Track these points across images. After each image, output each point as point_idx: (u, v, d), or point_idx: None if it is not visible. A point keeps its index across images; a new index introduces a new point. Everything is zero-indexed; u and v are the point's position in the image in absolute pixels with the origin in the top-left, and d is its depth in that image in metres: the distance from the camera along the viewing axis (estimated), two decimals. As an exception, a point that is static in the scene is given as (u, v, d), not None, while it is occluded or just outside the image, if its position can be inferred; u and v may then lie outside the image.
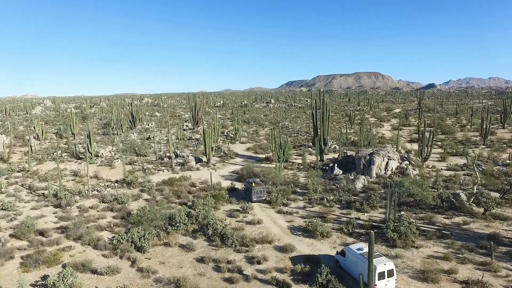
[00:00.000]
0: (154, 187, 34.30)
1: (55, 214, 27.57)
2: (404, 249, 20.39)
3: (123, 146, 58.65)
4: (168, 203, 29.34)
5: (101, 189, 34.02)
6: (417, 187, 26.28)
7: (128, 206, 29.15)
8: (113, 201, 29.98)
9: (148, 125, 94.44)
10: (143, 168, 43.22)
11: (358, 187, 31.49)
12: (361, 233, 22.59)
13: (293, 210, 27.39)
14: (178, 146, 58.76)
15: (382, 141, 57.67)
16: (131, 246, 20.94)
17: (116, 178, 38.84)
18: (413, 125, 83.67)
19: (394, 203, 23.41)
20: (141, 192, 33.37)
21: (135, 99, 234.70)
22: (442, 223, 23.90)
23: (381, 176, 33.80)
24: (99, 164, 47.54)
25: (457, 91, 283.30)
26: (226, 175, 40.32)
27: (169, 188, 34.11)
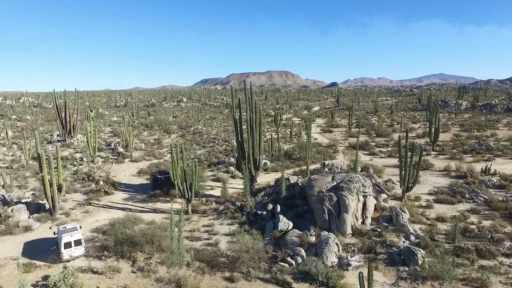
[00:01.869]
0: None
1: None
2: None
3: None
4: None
5: None
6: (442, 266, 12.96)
7: None
8: None
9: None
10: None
11: (330, 263, 16.62)
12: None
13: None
14: (15, 177, 36.07)
15: (322, 150, 45.24)
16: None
17: None
18: (342, 125, 75.34)
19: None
20: None
21: (8, 97, 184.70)
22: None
23: (359, 231, 19.60)
24: None
25: (356, 89, 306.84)
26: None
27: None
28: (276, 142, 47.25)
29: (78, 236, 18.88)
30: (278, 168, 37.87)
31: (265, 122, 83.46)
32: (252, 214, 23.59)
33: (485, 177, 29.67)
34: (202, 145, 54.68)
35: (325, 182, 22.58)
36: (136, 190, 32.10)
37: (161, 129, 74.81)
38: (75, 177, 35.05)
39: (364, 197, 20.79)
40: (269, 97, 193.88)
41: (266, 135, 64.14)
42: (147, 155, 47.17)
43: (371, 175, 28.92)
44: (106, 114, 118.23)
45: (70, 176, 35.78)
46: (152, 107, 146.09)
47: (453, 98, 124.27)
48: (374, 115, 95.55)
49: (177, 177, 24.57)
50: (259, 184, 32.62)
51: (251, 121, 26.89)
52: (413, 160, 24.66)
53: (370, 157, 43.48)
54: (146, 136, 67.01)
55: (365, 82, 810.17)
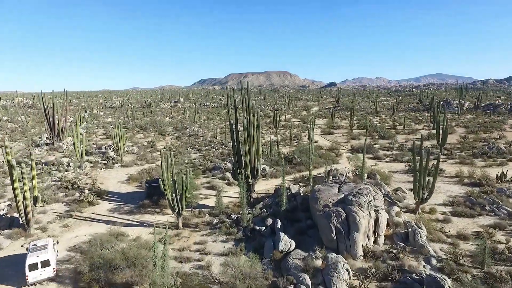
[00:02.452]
0: None
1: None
2: None
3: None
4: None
5: None
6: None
7: None
8: None
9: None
10: None
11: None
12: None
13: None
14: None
15: (324, 154, 42.77)
16: None
17: None
18: (342, 127, 72.94)
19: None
20: None
21: (3, 97, 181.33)
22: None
23: (372, 252, 17.11)
24: None
25: (354, 89, 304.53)
26: (61, 255, 18.79)
27: None
28: (275, 145, 44.77)
29: (45, 256, 16.61)
30: (278, 174, 35.44)
31: (263, 124, 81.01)
32: (249, 229, 21.09)
33: (503, 185, 27.28)
34: (197, 148, 52.11)
35: (331, 194, 20.10)
36: (124, 200, 29.52)
37: (156, 131, 72.20)
38: (59, 184, 32.44)
39: (376, 212, 18.32)
40: (267, 97, 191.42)
41: (265, 137, 61.70)
42: (139, 160, 44.57)
43: (380, 184, 26.47)
44: (101, 115, 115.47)
45: (53, 183, 33.15)
46: (148, 107, 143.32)
47: (454, 98, 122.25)
48: (375, 116, 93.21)
49: (166, 188, 22.05)
50: (258, 192, 30.15)
51: (248, 124, 24.38)
52: (428, 169, 22.15)
53: (374, 162, 41.06)
54: (140, 138, 64.39)
55: (363, 82, 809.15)
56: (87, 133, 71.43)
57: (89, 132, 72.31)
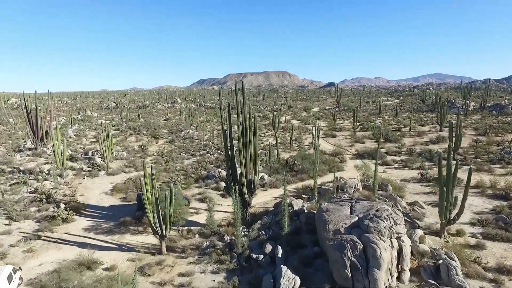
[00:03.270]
0: None
1: None
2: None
3: None
4: None
5: None
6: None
7: None
8: None
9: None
10: None
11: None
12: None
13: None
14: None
15: (327, 160, 39.41)
16: None
17: None
18: (345, 128, 69.63)
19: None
20: None
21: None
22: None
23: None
24: None
25: (354, 89, 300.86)
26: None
27: None
28: (275, 149, 41.29)
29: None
30: (278, 184, 32.12)
31: (262, 125, 77.66)
32: (245, 257, 17.74)
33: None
34: (191, 153, 48.70)
35: (342, 216, 16.76)
36: (104, 215, 26.11)
37: (149, 133, 68.76)
38: (33, 197, 29.00)
39: (399, 240, 15.00)
40: (266, 97, 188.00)
41: (263, 140, 58.36)
42: (127, 166, 41.16)
43: (394, 198, 23.16)
44: (95, 116, 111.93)
45: (28, 195, 29.70)
46: (144, 108, 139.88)
47: (456, 98, 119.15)
48: (378, 117, 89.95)
49: (147, 207, 18.68)
50: (255, 206, 26.81)
51: (244, 131, 21.01)
52: (455, 182, 18.78)
53: (383, 168, 37.74)
54: (132, 142, 60.95)
55: (362, 82, 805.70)
56: (77, 136, 67.99)
57: (79, 135, 68.82)
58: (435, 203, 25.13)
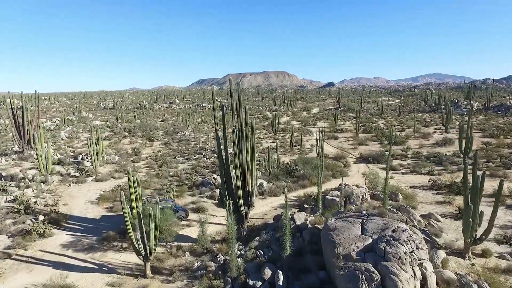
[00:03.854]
0: None
1: None
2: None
3: None
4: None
5: None
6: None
7: None
8: None
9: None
10: None
11: None
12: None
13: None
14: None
15: (330, 164, 37.04)
16: None
17: None
18: (346, 130, 67.31)
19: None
20: None
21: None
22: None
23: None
24: None
25: (353, 89, 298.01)
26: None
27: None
28: (274, 153, 38.84)
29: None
30: (278, 192, 29.75)
31: (260, 127, 75.32)
32: (240, 283, 15.40)
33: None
34: (186, 156, 46.32)
35: (353, 236, 14.42)
36: (87, 228, 23.73)
37: (144, 135, 66.32)
38: (11, 207, 26.58)
39: (421, 267, 12.66)
40: (265, 97, 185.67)
41: (262, 142, 56.03)
42: (117, 171, 38.76)
43: (407, 210, 20.84)
44: (90, 117, 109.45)
45: (5, 205, 27.27)
46: (142, 109, 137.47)
47: (459, 98, 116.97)
48: (380, 118, 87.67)
49: (128, 224, 16.31)
50: (253, 217, 24.49)
51: (240, 137, 18.64)
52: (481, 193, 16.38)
53: (389, 173, 35.38)
54: (125, 144, 58.51)
55: (362, 82, 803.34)
56: (69, 138, 65.54)
57: (71, 137, 66.35)
58: (451, 215, 22.87)
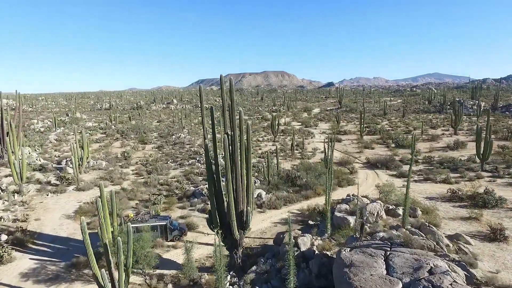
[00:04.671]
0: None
1: None
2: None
3: None
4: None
5: None
6: None
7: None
8: None
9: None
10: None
11: None
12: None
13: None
14: None
15: (336, 171, 33.72)
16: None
17: None
18: (350, 132, 64.03)
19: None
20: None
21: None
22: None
23: None
24: None
25: (353, 89, 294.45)
26: None
27: None
28: (274, 157, 35.44)
29: None
30: (278, 204, 26.47)
31: (259, 128, 72.03)
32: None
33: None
34: (179, 162, 43.01)
35: (376, 278, 11.15)
36: (56, 251, 20.43)
37: (137, 138, 63.00)
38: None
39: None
40: (265, 98, 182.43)
41: (261, 145, 52.75)
42: (103, 179, 35.45)
43: (431, 231, 17.59)
44: (84, 118, 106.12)
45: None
46: (138, 109, 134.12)
47: (461, 98, 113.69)
48: (383, 118, 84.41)
49: (92, 261, 13.03)
50: (249, 236, 21.21)
51: (233, 145, 15.37)
52: None
53: (401, 181, 32.16)
54: (116, 147, 55.21)
55: (361, 82, 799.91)
56: (57, 141, 62.26)
57: (60, 139, 63.05)
58: (481, 235, 19.57)
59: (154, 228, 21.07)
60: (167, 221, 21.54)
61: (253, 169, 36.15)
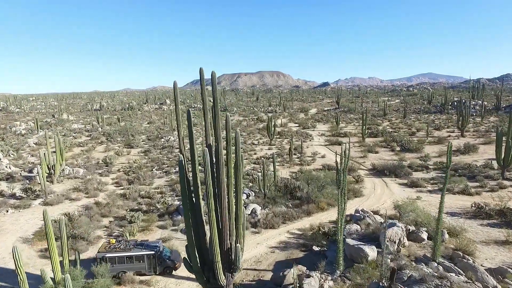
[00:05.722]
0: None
1: None
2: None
3: None
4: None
5: None
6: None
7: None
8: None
9: None
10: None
11: None
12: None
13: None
14: None
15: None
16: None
17: None
18: (350, 134, 60.33)
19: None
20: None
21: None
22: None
23: None
24: None
25: (349, 89, 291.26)
26: None
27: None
28: (270, 164, 31.45)
29: None
30: (276, 222, 22.60)
31: (255, 130, 68.17)
32: None
33: None
34: (166, 169, 38.93)
35: None
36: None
37: (124, 141, 58.73)
38: None
39: None
40: (260, 98, 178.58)
41: (256, 149, 48.86)
42: (77, 190, 31.29)
43: (472, 266, 13.85)
44: (71, 120, 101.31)
45: None
46: (130, 110, 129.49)
47: (463, 98, 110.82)
48: (384, 119, 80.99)
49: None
50: (241, 267, 17.23)
51: (218, 163, 11.47)
52: None
53: (414, 192, 28.49)
54: (99, 152, 50.95)
55: (356, 81, 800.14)
56: (37, 145, 57.80)
57: (40, 143, 58.56)
58: None
59: (139, 258, 17.02)
60: (157, 249, 17.40)
61: (247, 178, 32.40)
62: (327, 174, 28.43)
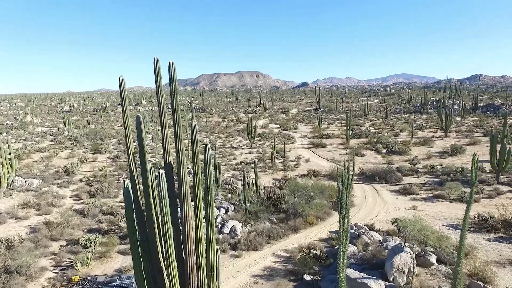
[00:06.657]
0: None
1: None
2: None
3: None
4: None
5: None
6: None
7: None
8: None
9: None
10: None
11: None
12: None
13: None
14: None
15: (327, 188, 27.08)
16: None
17: None
18: (334, 135, 58.14)
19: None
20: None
21: None
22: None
23: None
24: None
25: (328, 89, 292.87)
26: None
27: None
28: (252, 170, 28.27)
29: None
30: (259, 242, 19.41)
31: (234, 132, 64.81)
32: None
33: None
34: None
35: None
36: None
37: (91, 146, 53.73)
38: None
39: None
40: (240, 98, 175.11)
41: (236, 154, 45.55)
42: (27, 205, 26.80)
43: None
44: (36, 122, 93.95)
45: None
46: (103, 111, 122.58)
47: (438, 97, 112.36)
48: (366, 120, 79.84)
49: None
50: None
51: (180, 190, 8.18)
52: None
53: (409, 201, 26.18)
54: (62, 158, 45.95)
55: (334, 82, 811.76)
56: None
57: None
58: None
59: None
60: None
61: (226, 188, 29.07)
62: (315, 185, 25.58)
